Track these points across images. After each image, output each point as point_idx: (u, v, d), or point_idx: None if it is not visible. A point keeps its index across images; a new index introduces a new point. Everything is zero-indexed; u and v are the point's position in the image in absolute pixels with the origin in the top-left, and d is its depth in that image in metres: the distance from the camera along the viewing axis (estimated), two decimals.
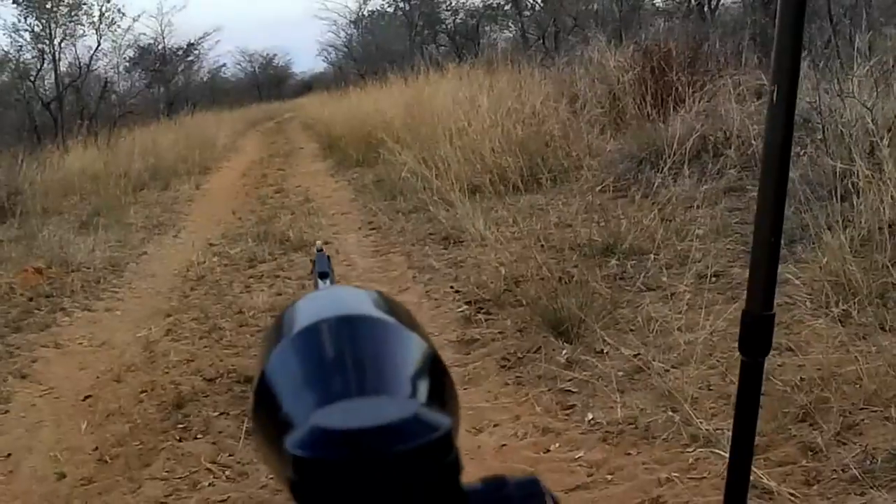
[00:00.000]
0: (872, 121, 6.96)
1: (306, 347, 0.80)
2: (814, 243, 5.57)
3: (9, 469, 4.92)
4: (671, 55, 12.04)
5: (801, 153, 7.28)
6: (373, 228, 10.33)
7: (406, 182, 11.14)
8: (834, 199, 5.98)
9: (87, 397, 5.91)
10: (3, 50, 25.38)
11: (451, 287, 7.08)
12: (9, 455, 5.09)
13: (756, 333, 1.19)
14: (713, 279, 5.80)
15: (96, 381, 6.23)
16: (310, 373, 0.77)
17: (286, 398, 0.76)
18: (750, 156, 8.62)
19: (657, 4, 26.51)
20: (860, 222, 5.83)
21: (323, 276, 1.56)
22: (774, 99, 1.12)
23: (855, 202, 6.00)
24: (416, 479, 0.57)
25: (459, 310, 6.47)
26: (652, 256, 6.34)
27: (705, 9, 21.32)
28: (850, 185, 6.24)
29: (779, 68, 1.13)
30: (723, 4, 22.70)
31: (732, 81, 10.23)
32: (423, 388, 0.75)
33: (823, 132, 7.36)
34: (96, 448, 5.02)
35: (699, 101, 10.07)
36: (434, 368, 0.79)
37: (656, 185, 7.79)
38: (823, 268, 5.19)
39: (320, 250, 1.67)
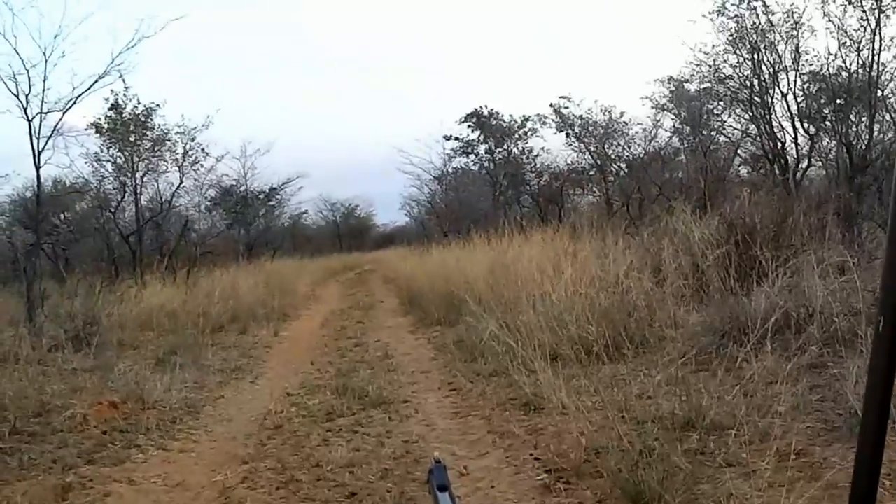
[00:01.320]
0: None
1: None
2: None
3: None
4: (755, 228, 12.07)
5: None
6: (452, 389, 10.35)
7: (487, 345, 11.16)
8: None
9: None
10: (84, 178, 25.80)
11: (531, 454, 7.06)
12: None
13: None
14: (794, 457, 5.76)
15: None
16: None
17: None
18: (832, 332, 8.58)
19: (742, 176, 26.57)
20: None
21: (441, 489, 1.61)
22: (880, 329, 1.16)
23: None
24: None
25: (539, 478, 6.45)
26: (733, 432, 6.29)
27: (790, 181, 21.34)
28: None
29: (886, 299, 1.17)
30: (807, 177, 22.72)
31: (816, 257, 10.22)
32: None
33: None
34: None
35: (782, 276, 10.07)
36: None
37: (739, 359, 7.76)
38: None
39: (438, 461, 1.72)
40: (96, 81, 18.17)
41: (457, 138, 39.22)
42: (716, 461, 5.98)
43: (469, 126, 38.91)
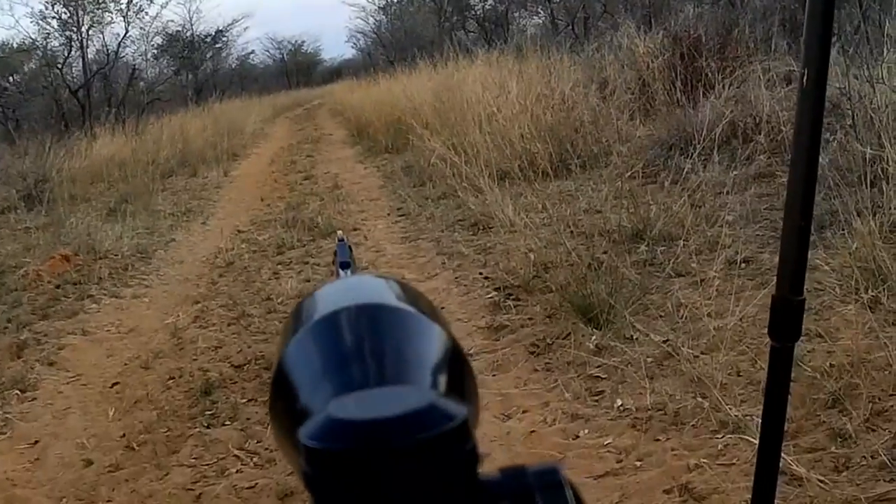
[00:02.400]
0: None
1: (324, 337, 0.78)
2: (843, 229, 5.52)
3: (35, 456, 4.94)
4: (701, 41, 11.99)
5: (831, 139, 7.21)
6: (402, 215, 10.33)
7: (435, 168, 11.13)
8: (863, 184, 5.92)
9: (114, 384, 5.93)
10: (30, 37, 25.53)
11: (480, 273, 7.08)
12: (36, 442, 5.11)
13: (786, 319, 1.17)
14: (743, 265, 5.78)
15: (124, 368, 6.26)
16: (326, 363, 0.76)
17: (303, 388, 0.75)
18: (780, 142, 8.58)
19: None
20: (890, 208, 5.78)
21: (344, 265, 1.55)
22: (804, 84, 1.10)
23: (884, 188, 5.95)
24: (432, 470, 0.56)
25: (489, 296, 6.47)
26: (681, 242, 6.28)
27: None
28: (879, 171, 6.19)
29: (809, 53, 1.11)
30: None
31: (762, 67, 10.17)
32: (442, 378, 0.74)
33: (853, 118, 7.30)
34: (123, 435, 5.04)
35: (729, 87, 10.03)
36: (453, 358, 0.78)
37: (686, 171, 7.72)
38: (853, 254, 5.13)
39: (342, 240, 1.65)
40: None
41: None
42: (664, 271, 5.98)
43: None
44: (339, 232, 1.93)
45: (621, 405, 4.42)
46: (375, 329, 0.77)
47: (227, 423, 5.04)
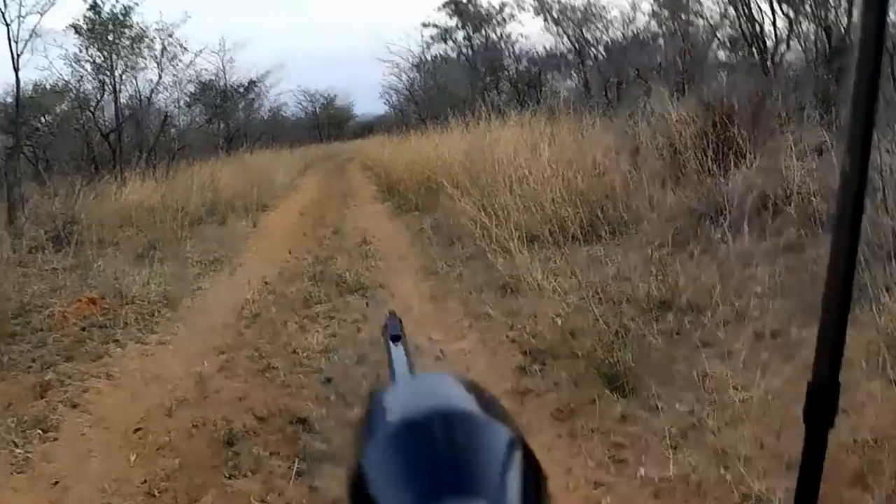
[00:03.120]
0: None
1: (405, 445, 0.79)
2: (871, 304, 5.50)
3: (55, 497, 4.95)
4: (733, 110, 12.00)
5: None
6: (430, 274, 10.32)
7: (464, 228, 11.14)
8: (893, 259, 5.92)
9: (137, 429, 5.93)
10: (63, 79, 25.55)
11: (507, 336, 7.07)
12: (56, 483, 5.13)
13: (821, 404, 1.17)
14: (770, 338, 5.75)
15: (147, 413, 6.26)
16: (409, 472, 0.77)
17: (382, 496, 0.76)
18: (810, 214, 8.56)
19: (720, 58, 26.47)
20: None
21: (395, 339, 1.55)
22: (846, 169, 1.11)
23: None
24: None
25: (515, 359, 6.45)
26: (709, 313, 6.29)
27: (768, 63, 21.27)
28: None
29: (852, 140, 1.11)
30: (786, 60, 22.64)
31: (794, 138, 10.19)
32: (516, 489, 0.75)
33: (884, 192, 7.29)
34: (145, 481, 5.04)
35: (760, 157, 10.04)
36: (528, 468, 0.79)
37: (715, 240, 7.74)
38: (881, 329, 5.12)
39: (392, 313, 1.66)
40: None
41: (435, 25, 38.98)
42: (691, 341, 5.97)
43: (447, 13, 38.63)
44: (390, 306, 1.94)
45: (644, 474, 4.41)
46: (453, 437, 0.78)
47: (250, 474, 5.04)
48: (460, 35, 38.69)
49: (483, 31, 38.10)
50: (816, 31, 21.10)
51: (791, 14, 22.05)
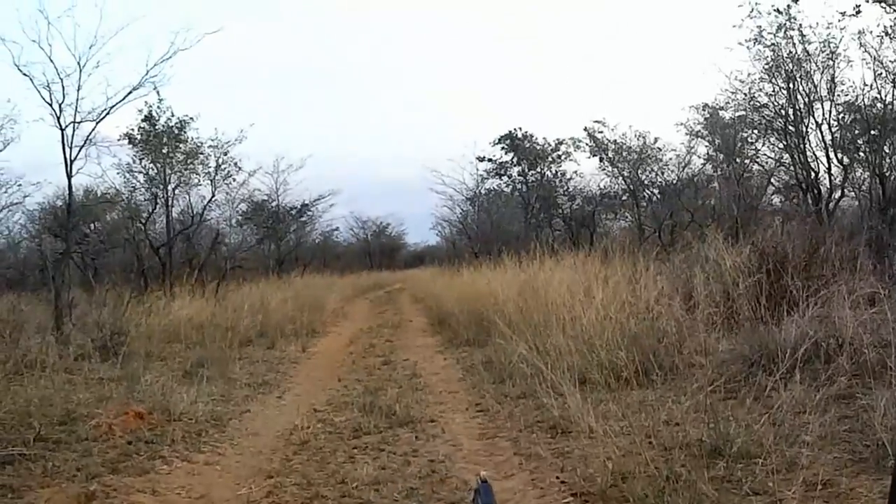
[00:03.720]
0: None
1: None
2: None
3: None
4: (787, 257, 12.07)
5: None
6: (480, 410, 10.36)
7: (516, 367, 11.17)
8: None
9: None
10: (115, 188, 26.08)
11: (557, 478, 7.08)
12: None
13: None
14: (820, 487, 5.76)
15: None
16: None
17: None
18: (861, 363, 8.58)
19: (774, 205, 26.54)
20: None
21: None
22: None
23: None
24: None
25: (565, 501, 6.47)
26: (760, 461, 6.29)
27: (822, 211, 21.32)
28: None
29: None
30: (840, 207, 22.69)
31: (847, 287, 10.22)
32: None
33: None
34: None
35: (813, 306, 10.06)
36: None
37: (767, 388, 7.75)
38: None
39: (485, 481, 1.75)
40: (130, 92, 18.30)
41: (490, 160, 39.27)
42: (742, 489, 5.98)
43: (503, 148, 38.95)
44: (483, 472, 2.06)
45: None
46: None
47: None
48: (515, 171, 38.95)
49: (538, 168, 38.34)
50: (871, 180, 21.18)
51: (846, 161, 22.17)
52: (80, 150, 17.48)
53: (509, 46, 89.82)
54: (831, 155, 22.34)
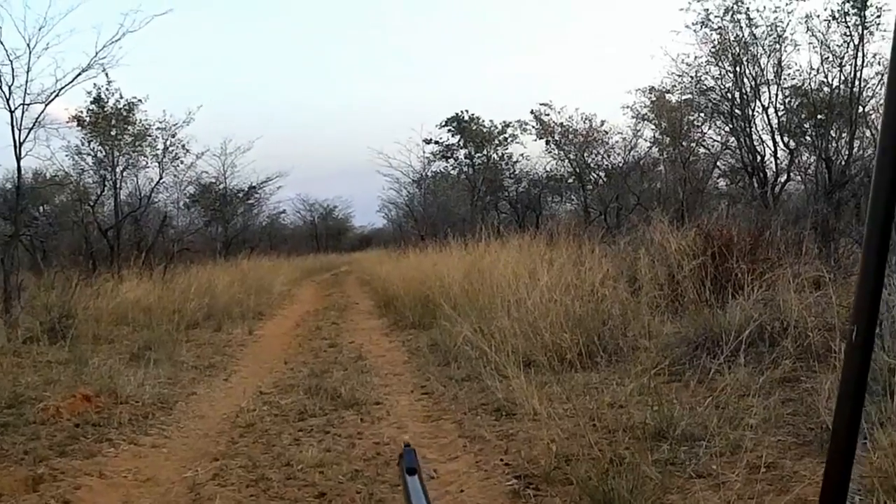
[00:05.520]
0: None
1: None
2: (865, 440, 5.52)
3: None
4: (732, 241, 12.12)
5: None
6: (425, 393, 10.34)
7: (461, 349, 11.16)
8: (887, 395, 5.95)
9: None
10: (64, 170, 26.02)
11: (501, 460, 7.05)
12: None
13: None
14: (764, 470, 5.76)
15: None
16: None
17: None
18: (806, 347, 8.61)
19: (720, 188, 26.70)
20: None
21: (411, 472, 1.59)
22: (853, 339, 1.15)
23: None
24: None
25: (508, 483, 6.44)
26: (704, 443, 6.29)
27: (768, 195, 21.45)
28: None
29: (859, 308, 1.16)
30: (786, 191, 22.85)
31: (792, 271, 10.26)
32: None
33: (881, 327, 7.34)
34: None
35: (758, 290, 10.10)
36: None
37: (711, 371, 7.78)
38: (873, 465, 5.14)
39: (408, 446, 1.70)
40: (79, 75, 18.16)
41: (437, 142, 39.32)
42: (686, 472, 5.97)
43: (449, 130, 39.03)
44: (406, 437, 1.99)
45: None
46: None
47: None
48: (462, 153, 39.03)
49: (485, 151, 38.42)
50: (817, 163, 21.34)
51: (792, 145, 22.33)
52: (28, 133, 17.35)
53: (457, 28, 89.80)
54: (777, 139, 22.54)
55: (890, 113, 1.13)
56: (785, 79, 22.23)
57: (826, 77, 21.14)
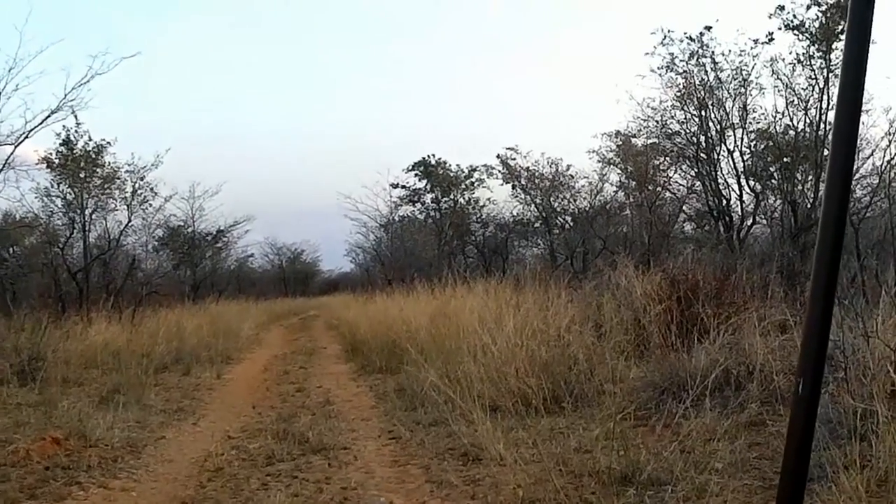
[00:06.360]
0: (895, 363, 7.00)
1: None
2: (830, 483, 5.55)
3: None
4: (698, 285, 12.18)
5: (823, 392, 7.26)
6: (392, 438, 10.30)
7: (428, 394, 11.15)
8: (853, 439, 5.97)
9: None
10: (33, 212, 25.97)
11: None
12: None
13: None
14: None
15: None
16: None
17: None
18: (772, 391, 8.65)
19: (686, 233, 26.84)
20: (877, 464, 5.82)
21: None
22: (800, 391, 1.15)
23: (874, 443, 6.00)
24: None
25: None
26: (670, 488, 6.30)
27: (734, 238, 21.59)
28: (869, 426, 6.25)
29: (805, 361, 1.17)
30: (752, 234, 22.99)
31: (758, 315, 10.31)
32: None
33: (846, 371, 7.39)
34: None
35: (724, 334, 10.14)
36: None
37: (678, 415, 7.80)
38: None
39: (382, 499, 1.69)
40: (48, 116, 18.25)
41: (403, 186, 39.55)
42: None
43: (416, 175, 39.27)
44: (382, 499, 1.99)
45: None
46: None
47: None
48: (429, 197, 39.23)
49: (451, 195, 38.59)
50: (783, 207, 21.50)
51: (758, 188, 22.50)
52: None
53: (423, 73, 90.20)
54: (743, 182, 22.73)
55: (833, 170, 1.15)
56: (750, 122, 22.49)
57: (791, 120, 21.40)
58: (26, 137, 17.72)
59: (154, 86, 76.49)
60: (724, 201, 22.99)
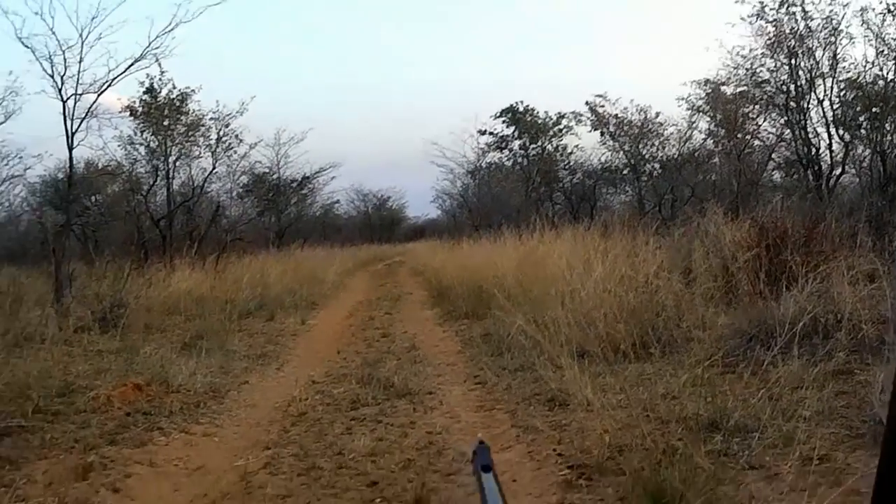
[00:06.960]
0: None
1: None
2: None
3: None
4: (787, 234, 12.05)
5: None
6: (478, 383, 10.35)
7: (514, 339, 11.16)
8: None
9: None
10: (116, 160, 26.25)
11: (554, 450, 7.05)
12: None
13: None
14: (817, 462, 5.75)
15: None
16: None
17: None
18: (860, 339, 8.58)
19: (775, 181, 26.52)
20: None
21: (486, 469, 1.62)
22: None
23: None
24: None
25: (561, 473, 6.45)
26: (757, 435, 6.29)
27: (823, 187, 21.32)
28: None
29: None
30: (840, 184, 22.68)
31: (846, 263, 10.21)
32: None
33: None
34: None
35: (812, 282, 10.04)
36: None
37: (765, 363, 7.74)
38: None
39: (482, 443, 1.72)
40: (132, 65, 18.29)
41: (491, 133, 39.31)
42: (739, 463, 5.97)
43: (504, 122, 38.98)
44: (480, 434, 2.03)
45: None
46: None
47: None
48: (516, 144, 38.97)
49: (539, 142, 38.32)
50: (872, 157, 21.18)
51: (847, 138, 22.16)
52: (81, 123, 17.50)
53: (512, 20, 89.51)
54: (832, 131, 22.38)
55: None
56: (840, 71, 22.09)
57: (881, 70, 21.01)
58: (109, 86, 17.83)
59: (238, 35, 76.73)
60: (813, 150, 22.69)
